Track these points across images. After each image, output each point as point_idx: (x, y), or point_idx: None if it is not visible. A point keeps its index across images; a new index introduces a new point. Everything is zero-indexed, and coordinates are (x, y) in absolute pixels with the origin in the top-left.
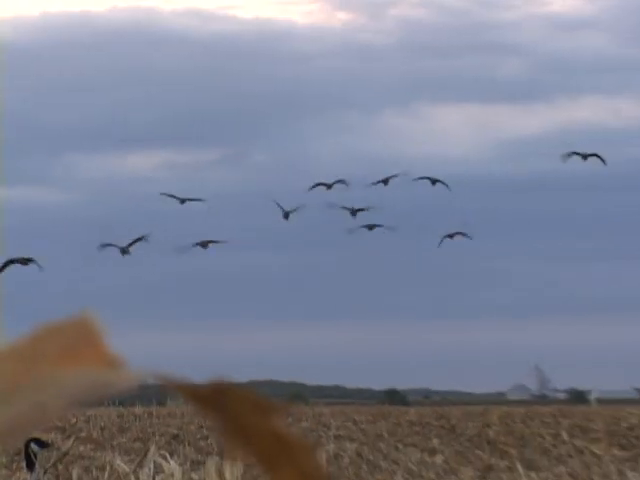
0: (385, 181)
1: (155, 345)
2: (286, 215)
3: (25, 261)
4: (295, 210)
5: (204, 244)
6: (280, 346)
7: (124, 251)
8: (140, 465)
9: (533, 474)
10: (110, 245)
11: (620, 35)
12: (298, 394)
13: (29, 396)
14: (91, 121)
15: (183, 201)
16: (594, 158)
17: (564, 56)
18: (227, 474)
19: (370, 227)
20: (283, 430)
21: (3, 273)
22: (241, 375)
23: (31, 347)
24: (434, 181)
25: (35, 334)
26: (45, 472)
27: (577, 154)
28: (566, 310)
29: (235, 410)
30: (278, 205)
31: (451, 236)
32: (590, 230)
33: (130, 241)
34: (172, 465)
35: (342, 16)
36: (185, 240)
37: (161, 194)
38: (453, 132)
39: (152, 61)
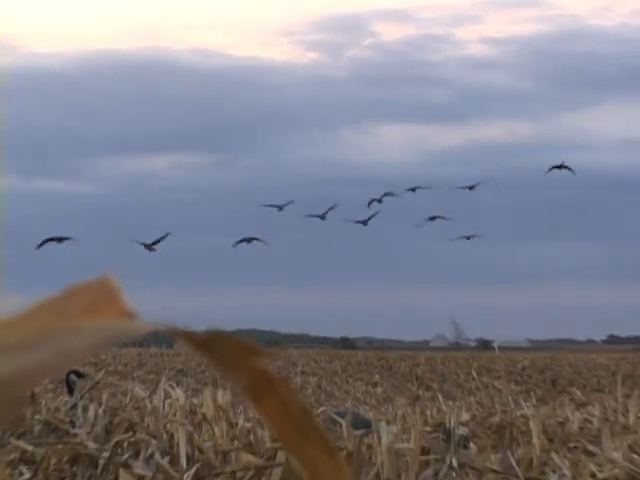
0: (471, 187)
1: (162, 303)
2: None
3: (61, 239)
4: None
5: (249, 240)
6: (262, 303)
7: (150, 248)
8: (153, 392)
9: (450, 402)
10: (138, 242)
11: (517, 73)
12: (275, 340)
13: (60, 341)
14: (119, 131)
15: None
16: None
17: (477, 88)
18: (219, 399)
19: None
20: (264, 368)
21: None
22: (231, 325)
23: (61, 302)
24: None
25: (64, 291)
26: (81, 397)
27: (556, 167)
28: (478, 279)
29: (225, 352)
30: (271, 205)
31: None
32: (494, 218)
33: (156, 239)
34: (178, 392)
35: (310, 55)
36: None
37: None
38: (393, 144)
39: (165, 87)
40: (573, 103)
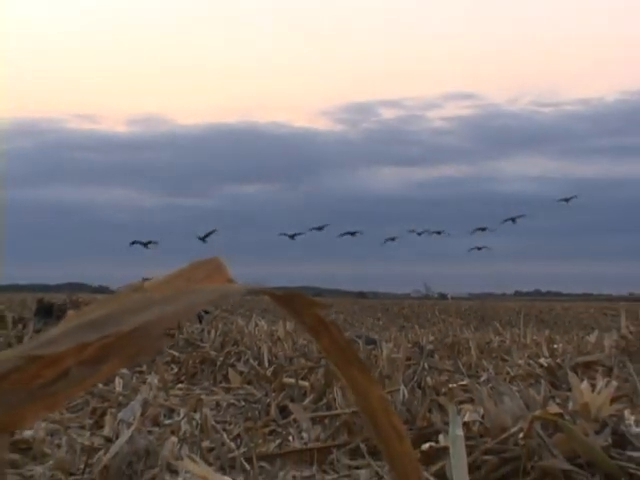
0: (567, 200)
1: (245, 271)
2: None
3: (146, 244)
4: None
5: (292, 236)
6: (308, 270)
7: (203, 240)
8: (249, 322)
9: (422, 330)
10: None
11: (461, 138)
12: (318, 293)
13: (187, 298)
14: (227, 169)
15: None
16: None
17: (439, 146)
18: (287, 327)
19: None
20: (321, 315)
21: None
22: (292, 284)
23: (188, 272)
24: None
25: (190, 265)
26: (207, 324)
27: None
28: (440, 259)
29: (297, 305)
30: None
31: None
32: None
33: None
34: (263, 323)
35: (339, 126)
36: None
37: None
38: (390, 179)
39: (253, 146)
40: (494, 154)
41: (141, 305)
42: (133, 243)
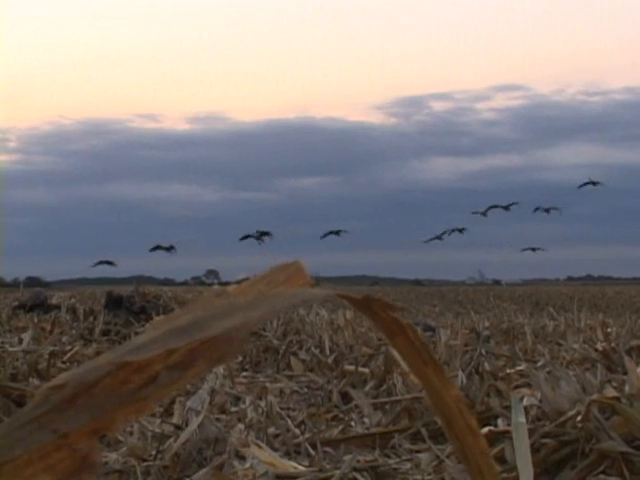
0: (593, 183)
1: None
2: None
3: (168, 248)
4: None
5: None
6: (366, 260)
7: (258, 238)
8: (310, 311)
9: (477, 315)
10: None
11: (510, 128)
12: (375, 282)
13: (269, 302)
14: (286, 164)
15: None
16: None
17: (488, 136)
18: (347, 316)
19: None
20: (397, 317)
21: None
22: (350, 272)
23: (268, 277)
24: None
25: (270, 270)
26: None
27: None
28: (494, 246)
29: (374, 308)
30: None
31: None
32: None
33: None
34: (323, 312)
35: (392, 120)
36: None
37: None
38: (441, 169)
39: (311, 140)
40: (543, 144)
41: (225, 310)
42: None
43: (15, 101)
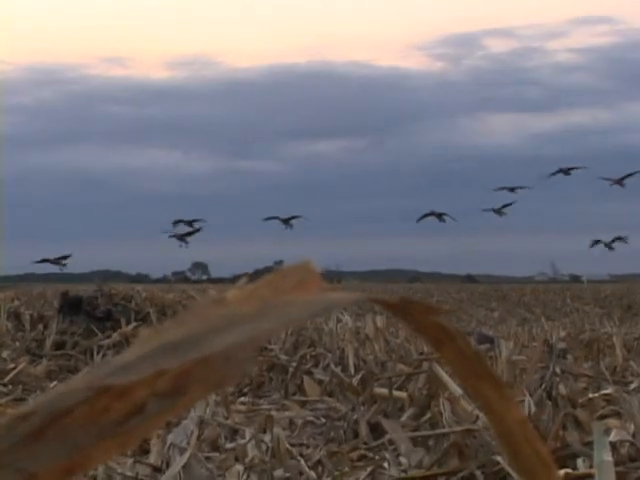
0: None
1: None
2: None
3: (191, 222)
4: None
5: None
6: (407, 250)
7: (286, 222)
8: (328, 317)
9: (550, 323)
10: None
11: (593, 75)
12: (416, 277)
13: (276, 312)
14: (295, 124)
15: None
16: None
17: (564, 86)
18: (378, 323)
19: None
20: (444, 322)
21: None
22: (388, 265)
23: (274, 281)
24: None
25: (276, 273)
26: None
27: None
28: (569, 230)
29: (412, 313)
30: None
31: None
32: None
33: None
34: (346, 317)
35: (438, 64)
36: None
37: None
38: (500, 130)
39: (328, 91)
40: (637, 95)
41: (226, 323)
42: (177, 222)
43: None
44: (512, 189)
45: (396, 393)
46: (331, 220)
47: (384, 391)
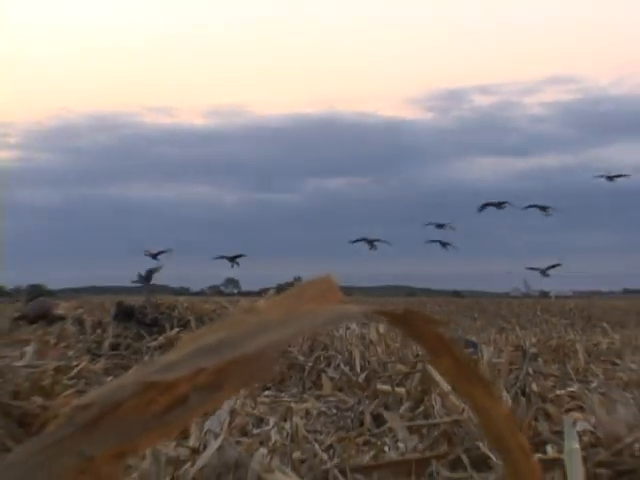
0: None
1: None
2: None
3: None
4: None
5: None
6: (401, 269)
7: (371, 243)
8: (338, 326)
9: (523, 331)
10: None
11: (560, 124)
12: (411, 292)
13: (299, 321)
14: (312, 163)
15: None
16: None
17: (537, 134)
18: (380, 329)
19: None
20: (441, 333)
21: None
22: (385, 282)
23: (298, 292)
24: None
25: (299, 285)
26: None
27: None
28: (539, 254)
29: (414, 323)
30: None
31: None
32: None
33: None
34: (354, 326)
35: (430, 114)
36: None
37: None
38: (485, 169)
39: (337, 137)
40: (600, 142)
41: (256, 328)
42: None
43: (16, 93)
44: (499, 204)
45: (396, 389)
46: (340, 243)
47: (385, 387)
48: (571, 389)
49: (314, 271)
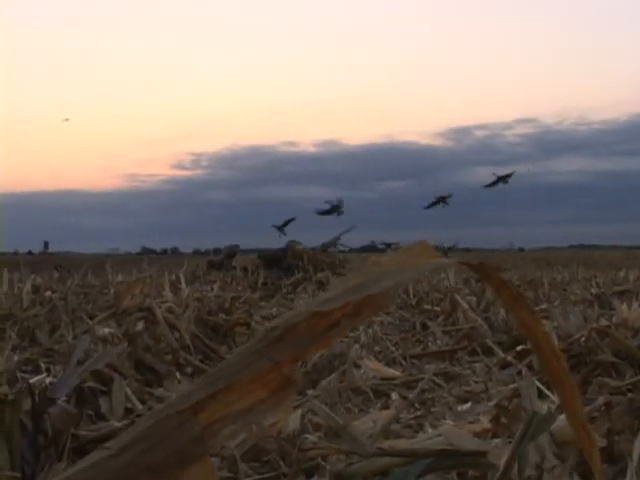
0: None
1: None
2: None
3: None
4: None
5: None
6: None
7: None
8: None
9: (508, 272)
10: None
11: (530, 148)
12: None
13: (410, 271)
14: (378, 174)
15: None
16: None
17: (517, 155)
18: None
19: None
20: (503, 278)
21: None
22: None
23: (408, 251)
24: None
25: (407, 247)
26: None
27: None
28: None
29: (486, 271)
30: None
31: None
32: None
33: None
34: None
35: (448, 143)
36: None
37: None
38: (479, 175)
39: (391, 162)
40: (548, 158)
41: (381, 275)
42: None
43: (206, 134)
44: (505, 177)
45: (435, 308)
46: (405, 219)
47: (428, 307)
48: (542, 307)
49: (407, 239)
